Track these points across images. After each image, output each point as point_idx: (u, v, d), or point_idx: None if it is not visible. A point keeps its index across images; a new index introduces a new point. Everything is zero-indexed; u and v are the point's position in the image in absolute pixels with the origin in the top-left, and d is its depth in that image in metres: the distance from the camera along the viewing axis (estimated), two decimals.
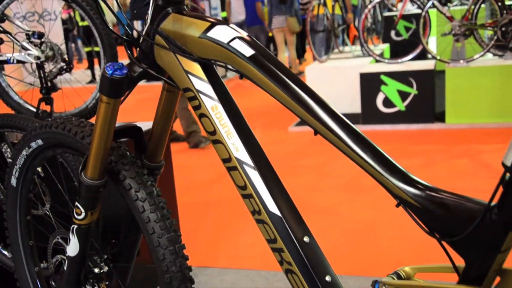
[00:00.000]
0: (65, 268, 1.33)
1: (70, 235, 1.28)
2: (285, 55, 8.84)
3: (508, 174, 0.71)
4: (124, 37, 1.18)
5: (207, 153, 4.72)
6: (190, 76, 1.03)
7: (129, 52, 1.14)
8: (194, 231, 2.97)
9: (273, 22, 8.02)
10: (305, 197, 3.41)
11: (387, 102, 5.16)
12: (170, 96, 1.20)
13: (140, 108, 5.30)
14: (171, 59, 1.06)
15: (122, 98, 1.17)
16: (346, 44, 7.20)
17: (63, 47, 2.08)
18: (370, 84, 5.17)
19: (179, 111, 4.74)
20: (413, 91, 5.06)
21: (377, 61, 5.84)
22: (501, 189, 0.72)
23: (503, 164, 0.71)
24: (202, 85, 1.02)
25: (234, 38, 0.98)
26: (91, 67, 10.51)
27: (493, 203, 0.74)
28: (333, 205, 3.24)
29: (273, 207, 0.95)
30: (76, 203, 1.25)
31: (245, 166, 0.97)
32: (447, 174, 3.68)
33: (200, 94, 1.02)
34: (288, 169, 4.08)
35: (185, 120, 4.83)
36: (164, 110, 1.23)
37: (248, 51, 0.96)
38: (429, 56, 5.53)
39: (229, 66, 0.99)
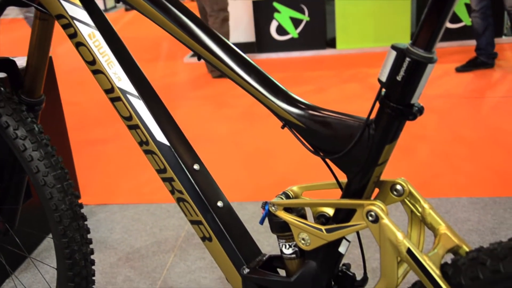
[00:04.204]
0: None
1: None
2: None
3: (383, 90, 0.73)
4: None
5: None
6: (62, 1, 0.95)
7: None
8: (91, 170, 2.88)
9: None
10: (202, 127, 3.41)
11: (281, 30, 5.18)
12: (43, 25, 1.12)
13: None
14: None
15: None
16: None
17: None
18: (263, 12, 5.15)
19: None
20: (305, 17, 5.11)
21: None
22: (377, 105, 0.75)
23: (379, 80, 0.73)
24: (77, 11, 0.94)
25: None
26: None
27: (371, 119, 0.77)
28: (230, 134, 3.27)
29: (160, 137, 0.93)
30: None
31: (128, 96, 0.93)
32: (338, 97, 3.83)
33: (74, 21, 0.94)
34: (184, 100, 4.03)
35: None
36: (38, 40, 1.14)
37: None
38: None
39: None
